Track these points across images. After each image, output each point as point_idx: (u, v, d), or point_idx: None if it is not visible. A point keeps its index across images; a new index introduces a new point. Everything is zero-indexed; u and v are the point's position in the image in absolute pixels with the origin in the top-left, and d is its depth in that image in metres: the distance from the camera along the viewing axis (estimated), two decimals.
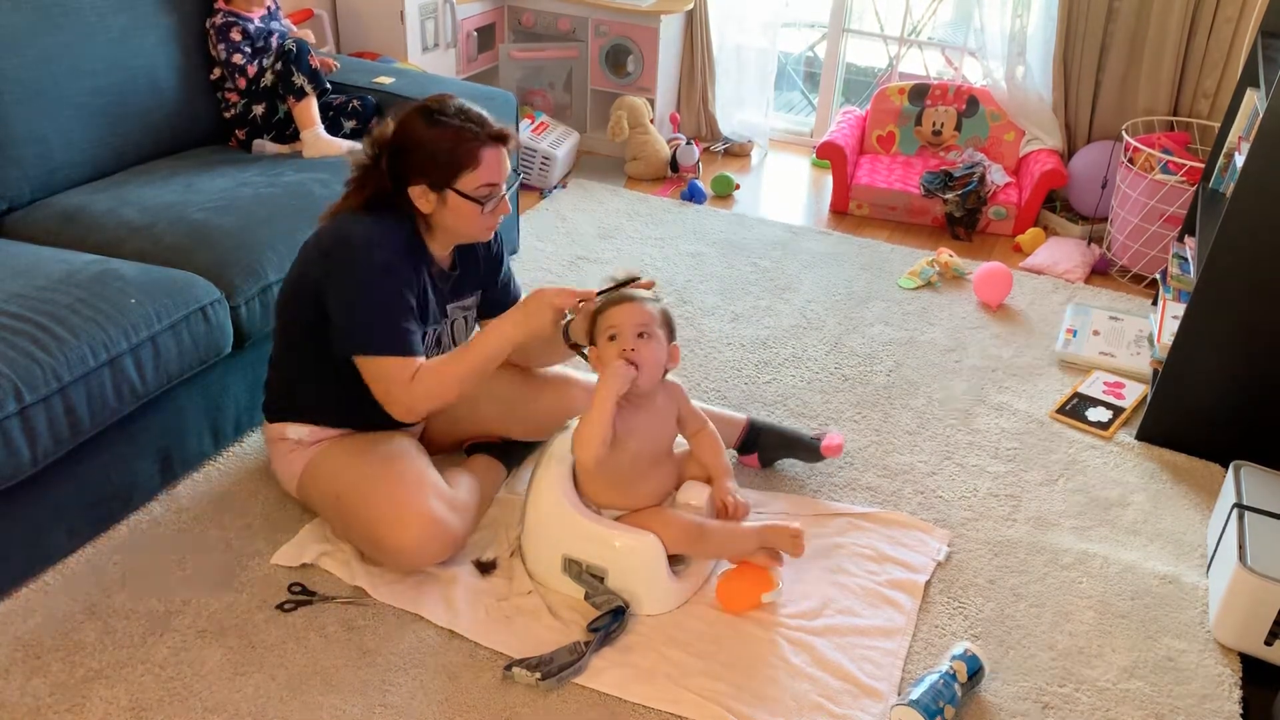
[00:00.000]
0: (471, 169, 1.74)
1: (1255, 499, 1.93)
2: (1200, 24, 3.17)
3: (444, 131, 1.73)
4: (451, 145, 1.73)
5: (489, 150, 1.76)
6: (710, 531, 1.82)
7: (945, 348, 2.73)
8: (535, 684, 1.65)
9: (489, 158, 1.76)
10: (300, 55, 2.58)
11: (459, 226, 1.81)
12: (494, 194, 1.79)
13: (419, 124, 1.75)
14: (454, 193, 1.75)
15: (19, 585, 1.81)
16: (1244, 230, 2.10)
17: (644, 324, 1.75)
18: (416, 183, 1.75)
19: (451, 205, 1.77)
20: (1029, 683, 1.74)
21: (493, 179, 1.77)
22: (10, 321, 1.76)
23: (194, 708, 1.61)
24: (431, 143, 1.73)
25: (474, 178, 1.75)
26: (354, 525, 1.85)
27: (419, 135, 1.74)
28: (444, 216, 1.79)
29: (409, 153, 1.75)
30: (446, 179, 1.74)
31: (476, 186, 1.76)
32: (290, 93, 2.58)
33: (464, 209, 1.77)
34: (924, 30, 3.94)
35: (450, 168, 1.74)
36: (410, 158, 1.75)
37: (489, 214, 1.80)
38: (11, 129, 2.22)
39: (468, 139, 1.74)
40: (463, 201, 1.76)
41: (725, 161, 3.99)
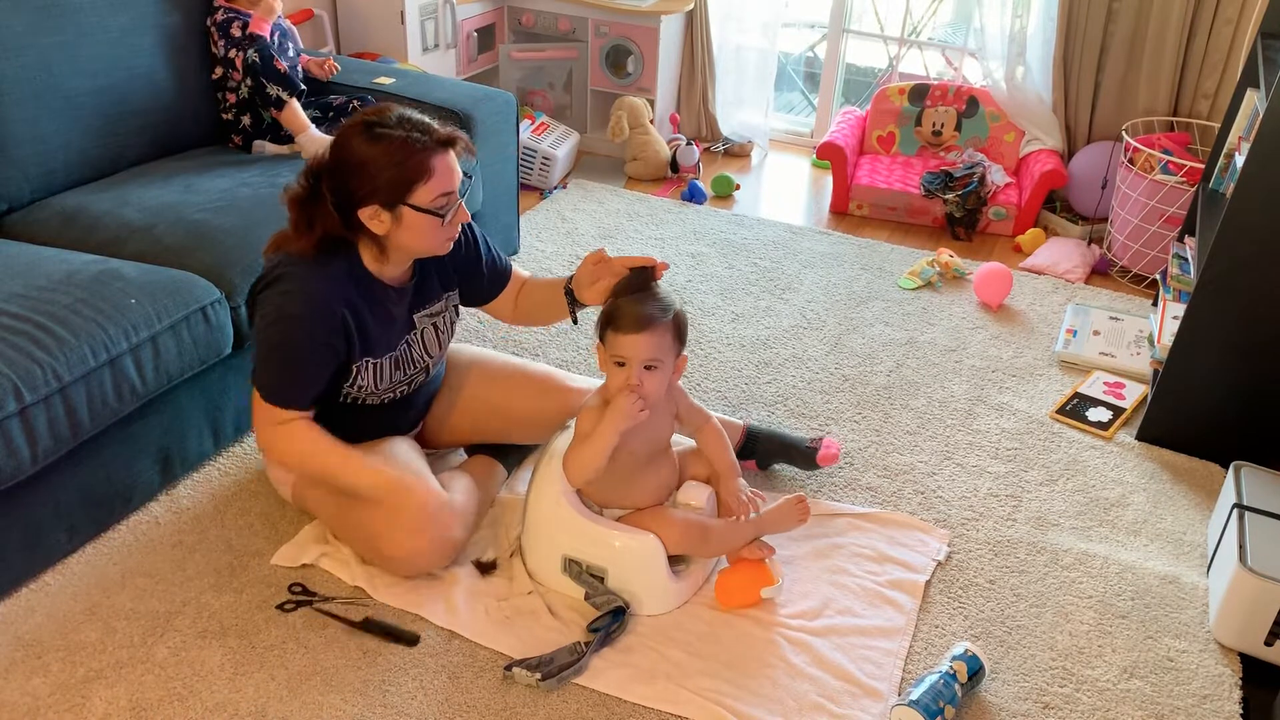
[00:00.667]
0: (424, 181, 1.63)
1: (1255, 499, 1.93)
2: (1200, 25, 3.17)
3: (388, 145, 1.61)
4: (400, 158, 1.61)
5: (439, 158, 1.64)
6: (712, 530, 1.82)
7: (945, 348, 2.73)
8: (535, 684, 1.65)
9: (440, 165, 1.64)
10: (265, 64, 2.52)
11: (416, 243, 1.71)
12: (451, 203, 1.69)
13: (359, 141, 1.61)
14: (409, 209, 1.64)
15: (19, 585, 1.81)
16: (1244, 230, 2.10)
17: (654, 358, 1.69)
18: (366, 204, 1.63)
19: (408, 223, 1.66)
20: (1029, 683, 1.74)
21: (447, 187, 1.66)
22: (10, 321, 1.76)
23: (194, 708, 1.61)
24: (377, 159, 1.60)
25: (427, 190, 1.64)
26: (352, 532, 1.84)
27: (361, 154, 1.61)
28: (400, 236, 1.68)
29: (353, 174, 1.62)
30: (399, 195, 1.63)
31: (433, 199, 1.65)
32: (269, 104, 2.56)
33: (421, 224, 1.67)
34: (924, 31, 3.94)
35: (401, 183, 1.62)
36: (355, 179, 1.62)
37: (449, 224, 1.71)
38: (11, 129, 2.22)
39: (414, 149, 1.62)
40: (420, 216, 1.65)
41: (725, 162, 4.00)
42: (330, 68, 2.77)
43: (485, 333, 2.69)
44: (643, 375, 1.70)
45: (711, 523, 1.83)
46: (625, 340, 1.69)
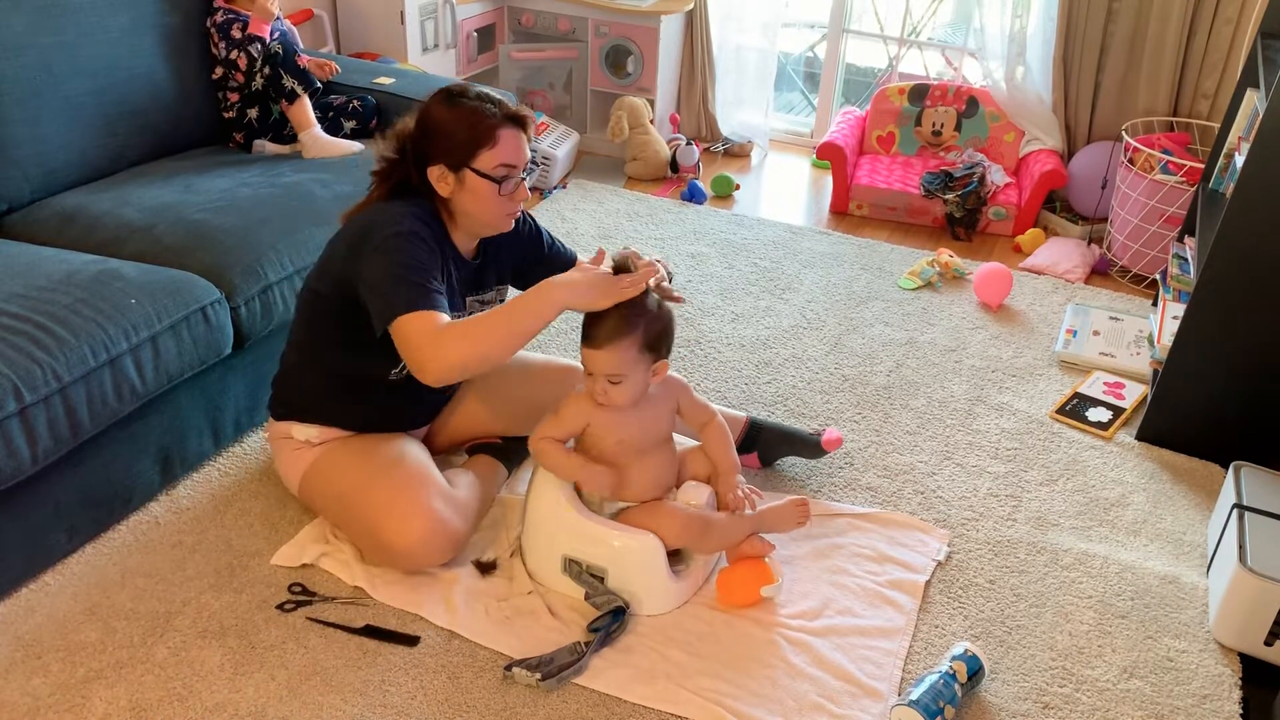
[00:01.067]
0: (488, 147, 1.74)
1: (1255, 499, 1.94)
2: (1200, 25, 3.18)
3: (461, 111, 1.74)
4: (469, 123, 1.73)
5: (506, 130, 1.75)
6: (713, 524, 1.82)
7: (945, 348, 2.73)
8: (535, 684, 1.65)
9: (506, 137, 1.75)
10: (287, 56, 2.56)
11: (478, 211, 1.79)
12: (511, 175, 1.77)
13: (438, 106, 1.76)
14: (471, 172, 1.74)
15: (19, 585, 1.81)
16: (1244, 230, 2.10)
17: (614, 373, 1.71)
18: (435, 163, 1.76)
19: (469, 186, 1.76)
20: (1029, 683, 1.74)
21: (509, 159, 1.76)
22: (10, 321, 1.76)
23: (194, 708, 1.61)
24: (449, 122, 1.74)
25: (491, 156, 1.74)
26: (356, 525, 1.85)
27: (438, 117, 1.75)
28: (463, 200, 1.78)
29: (428, 136, 1.76)
30: (464, 158, 1.74)
31: (494, 165, 1.75)
32: (282, 95, 2.57)
33: (481, 190, 1.76)
34: (924, 31, 3.94)
35: (467, 146, 1.74)
36: (429, 140, 1.76)
37: (506, 196, 1.78)
38: (11, 129, 2.22)
39: (485, 117, 1.74)
40: (480, 181, 1.75)
41: (725, 162, 4.00)
42: (331, 69, 2.77)
43: None
44: (607, 387, 1.72)
45: (713, 516, 1.83)
46: (585, 354, 1.73)
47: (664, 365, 1.78)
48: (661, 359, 1.76)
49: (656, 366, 1.76)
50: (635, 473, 1.83)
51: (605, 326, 1.69)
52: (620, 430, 1.79)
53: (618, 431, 1.79)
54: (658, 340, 1.74)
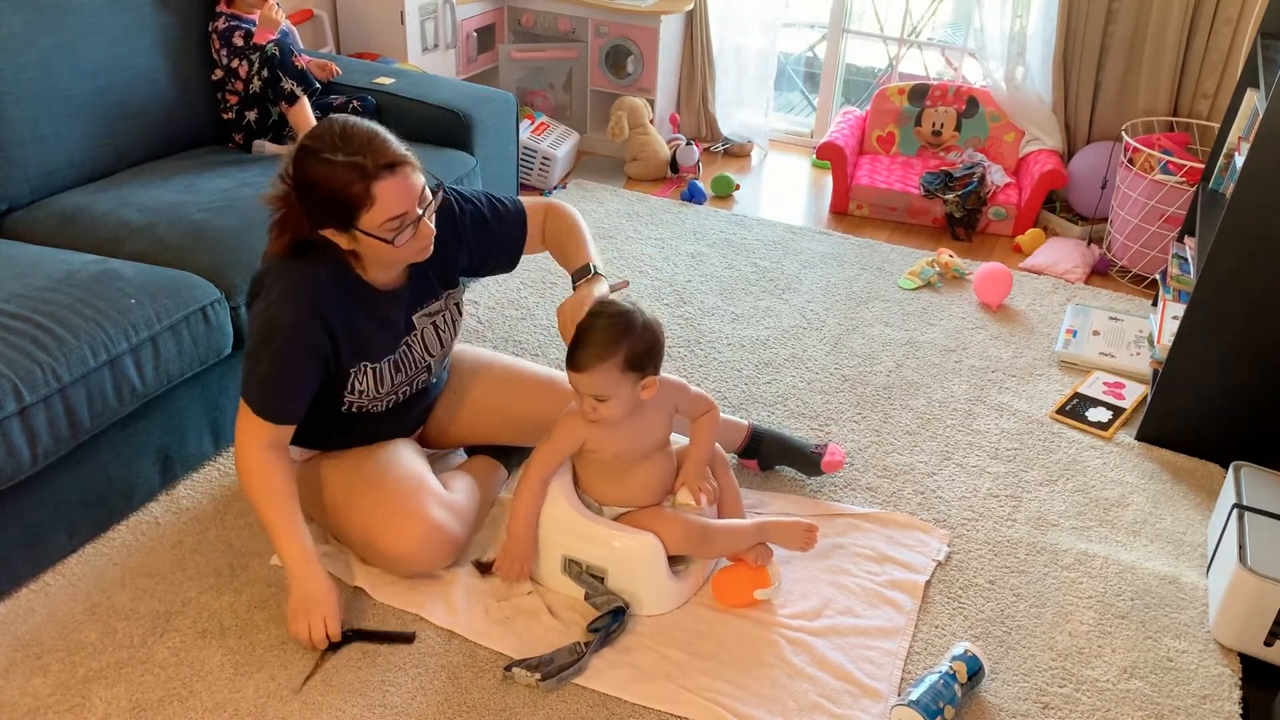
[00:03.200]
0: (368, 208, 1.58)
1: (1255, 499, 1.93)
2: (1200, 25, 3.17)
3: (331, 172, 1.56)
4: (341, 188, 1.56)
5: (382, 183, 1.57)
6: (714, 532, 1.82)
7: (945, 348, 2.73)
8: (535, 684, 1.65)
9: (385, 191, 1.57)
10: (284, 58, 2.54)
11: (386, 258, 1.68)
12: (403, 224, 1.62)
13: (309, 164, 1.58)
14: (360, 233, 1.61)
15: (19, 585, 1.81)
16: (1244, 230, 2.10)
17: (598, 393, 1.70)
18: (325, 226, 1.62)
19: (364, 243, 1.63)
20: (1029, 683, 1.74)
21: (395, 210, 1.59)
22: (10, 321, 1.76)
23: (194, 708, 1.61)
24: (323, 186, 1.57)
25: (374, 215, 1.58)
26: (353, 534, 1.84)
27: (311, 179, 1.58)
28: (364, 251, 1.67)
29: (307, 196, 1.61)
30: (348, 221, 1.60)
31: (380, 224, 1.59)
32: (281, 98, 2.56)
33: (377, 245, 1.63)
34: (924, 31, 3.94)
35: (348, 210, 1.58)
36: (311, 202, 1.61)
37: (408, 243, 1.65)
38: (11, 129, 2.22)
39: (354, 177, 1.56)
40: (372, 239, 1.62)
41: (725, 162, 4.00)
42: (332, 70, 2.76)
43: (485, 333, 2.69)
44: (595, 404, 1.71)
45: (713, 524, 1.83)
46: (570, 375, 1.72)
47: (653, 382, 1.74)
48: (648, 376, 1.73)
49: (645, 383, 1.73)
50: (634, 479, 1.83)
51: (588, 350, 1.68)
52: (616, 443, 1.78)
53: (613, 445, 1.78)
54: (642, 359, 1.70)
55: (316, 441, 1.89)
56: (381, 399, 1.83)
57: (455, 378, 2.06)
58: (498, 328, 2.71)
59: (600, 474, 1.82)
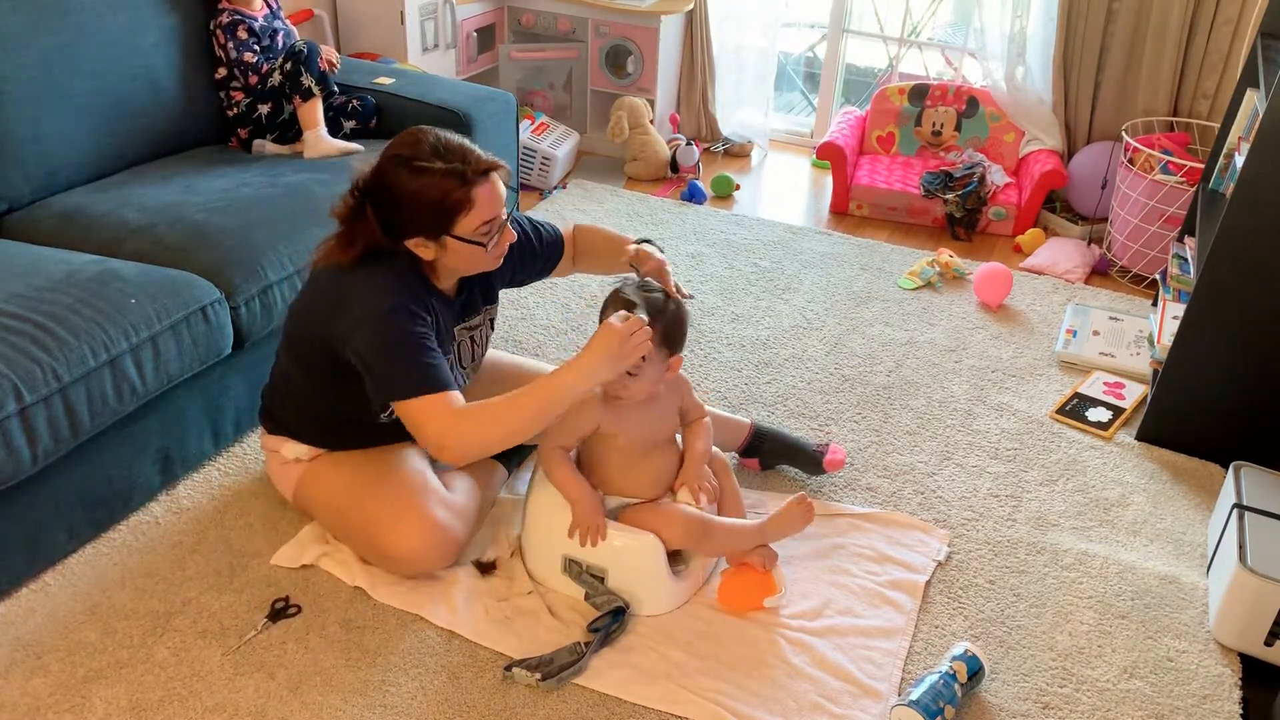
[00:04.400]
0: (466, 213, 1.64)
1: (1255, 499, 1.93)
2: (1200, 25, 3.17)
3: (429, 180, 1.61)
4: (440, 194, 1.62)
5: (480, 188, 1.64)
6: (715, 528, 1.82)
7: (945, 348, 2.73)
8: (535, 684, 1.65)
9: (482, 195, 1.64)
10: (311, 57, 2.59)
11: (465, 266, 1.74)
12: (494, 228, 1.69)
13: (401, 175, 1.62)
14: (453, 239, 1.66)
15: (19, 585, 1.81)
16: (1244, 230, 2.10)
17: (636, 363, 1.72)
18: (412, 236, 1.66)
19: (453, 250, 1.68)
20: (1029, 683, 1.74)
21: (490, 215, 1.67)
22: (10, 321, 1.76)
23: (194, 708, 1.61)
24: (419, 194, 1.62)
25: (470, 220, 1.65)
26: (355, 535, 1.84)
27: (404, 187, 1.62)
28: (448, 259, 1.71)
29: (398, 208, 1.64)
30: (443, 228, 1.65)
31: (475, 228, 1.66)
32: (297, 93, 2.58)
33: (466, 251, 1.68)
34: (924, 31, 3.94)
35: (444, 217, 1.63)
36: (400, 213, 1.64)
37: (494, 249, 1.72)
38: (11, 129, 2.22)
39: (455, 183, 1.62)
40: (464, 245, 1.67)
41: (725, 162, 4.00)
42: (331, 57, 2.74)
43: None
44: (625, 379, 1.73)
45: (715, 521, 1.83)
46: (668, 359, 1.76)
47: (678, 360, 1.80)
48: (675, 354, 1.79)
49: (671, 361, 1.79)
50: (641, 470, 1.83)
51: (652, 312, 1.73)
52: (630, 428, 1.80)
53: (628, 430, 1.80)
54: (673, 336, 1.77)
55: (333, 442, 1.89)
56: None
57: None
58: (498, 328, 2.71)
59: (609, 463, 1.83)
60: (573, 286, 2.93)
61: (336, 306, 1.68)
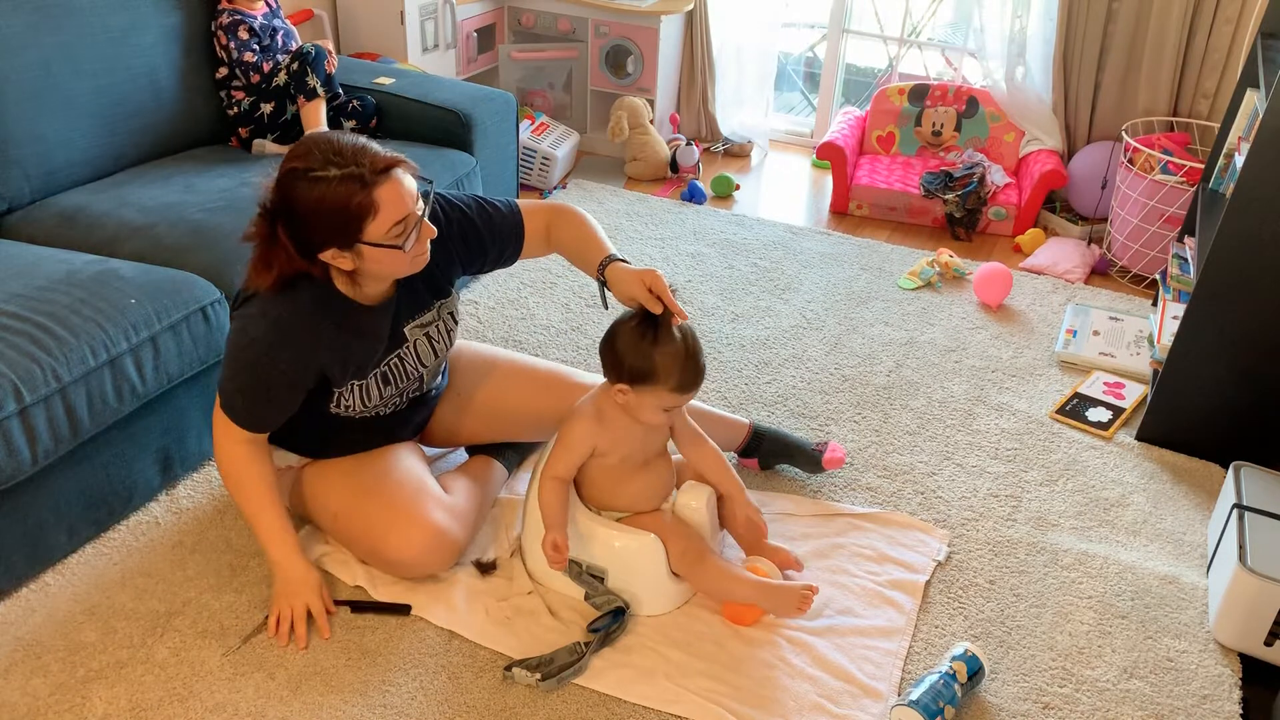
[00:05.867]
0: (373, 217, 1.56)
1: (1255, 499, 1.93)
2: (1200, 25, 3.17)
3: (327, 188, 1.53)
4: (342, 201, 1.54)
5: (382, 188, 1.56)
6: (709, 564, 1.79)
7: (945, 348, 2.73)
8: (535, 684, 1.65)
9: (385, 196, 1.56)
10: (318, 59, 2.61)
11: (388, 272, 1.67)
12: (407, 228, 1.61)
13: (300, 188, 1.55)
14: (366, 246, 1.59)
15: (19, 585, 1.81)
16: (1244, 230, 2.10)
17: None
18: (325, 249, 1.59)
19: (370, 256, 1.61)
20: (1029, 683, 1.74)
21: (399, 215, 1.58)
22: (10, 321, 1.76)
23: (194, 708, 1.61)
24: (320, 206, 1.54)
25: (379, 224, 1.57)
26: (354, 540, 1.84)
27: (305, 201, 1.55)
28: (368, 266, 1.63)
29: (304, 224, 1.57)
30: (352, 236, 1.57)
31: (386, 231, 1.58)
32: (302, 92, 2.59)
33: (383, 256, 1.61)
34: (924, 31, 3.94)
35: (351, 224, 1.56)
36: (307, 229, 1.57)
37: (412, 249, 1.64)
38: (11, 129, 2.22)
39: (355, 188, 1.54)
40: (380, 250, 1.60)
41: (725, 162, 4.00)
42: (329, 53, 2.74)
43: (485, 333, 2.69)
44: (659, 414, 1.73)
45: (711, 556, 1.81)
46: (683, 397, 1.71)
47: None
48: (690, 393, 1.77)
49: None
50: (638, 484, 1.83)
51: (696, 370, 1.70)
52: (625, 446, 1.78)
53: (622, 448, 1.78)
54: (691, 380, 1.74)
55: (315, 453, 1.89)
56: (369, 409, 1.82)
57: (459, 375, 2.06)
58: (497, 328, 2.71)
59: (604, 480, 1.81)
60: (573, 286, 2.93)
61: (240, 301, 1.70)
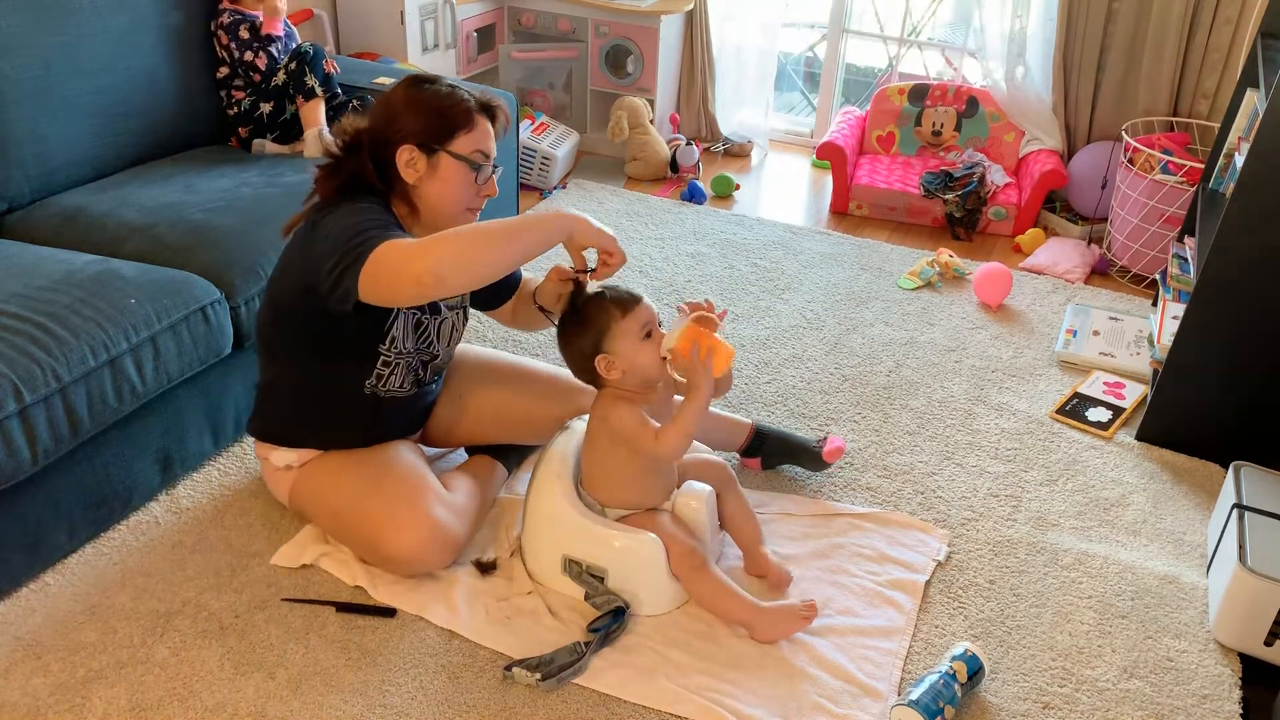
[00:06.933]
0: (466, 130, 1.68)
1: (1255, 499, 1.93)
2: (1200, 25, 3.18)
3: (434, 94, 1.68)
4: (445, 105, 1.67)
5: (482, 120, 1.71)
6: (709, 577, 1.78)
7: (945, 348, 2.73)
8: (535, 684, 1.65)
9: (483, 124, 1.71)
10: (316, 59, 2.61)
11: (444, 201, 1.70)
12: (486, 165, 1.72)
13: (407, 90, 1.68)
14: (447, 155, 1.66)
15: (19, 585, 1.81)
16: (1244, 230, 2.10)
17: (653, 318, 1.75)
18: (403, 145, 1.65)
19: (442, 171, 1.67)
20: (1029, 683, 1.74)
21: (485, 147, 1.71)
22: (10, 321, 1.76)
23: (194, 708, 1.61)
24: (423, 103, 1.66)
25: (468, 140, 1.68)
26: (354, 538, 1.84)
27: (408, 98, 1.67)
28: (430, 188, 1.69)
29: (396, 117, 1.66)
30: (439, 139, 1.66)
31: (471, 150, 1.68)
32: (300, 92, 2.59)
33: (454, 176, 1.68)
34: (924, 31, 3.94)
35: (444, 127, 1.66)
36: (397, 121, 1.66)
37: (479, 187, 1.72)
38: (11, 129, 2.22)
39: (462, 100, 1.69)
40: (455, 166, 1.67)
41: (725, 162, 4.00)
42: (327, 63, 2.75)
43: (485, 333, 2.69)
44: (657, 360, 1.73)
45: (711, 569, 1.80)
46: (640, 316, 1.73)
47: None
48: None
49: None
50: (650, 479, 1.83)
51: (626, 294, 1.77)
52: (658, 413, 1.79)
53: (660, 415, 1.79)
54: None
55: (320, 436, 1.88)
56: (404, 359, 1.80)
57: (457, 376, 2.06)
58: (498, 328, 2.71)
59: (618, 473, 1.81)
60: None
61: (309, 245, 1.64)
